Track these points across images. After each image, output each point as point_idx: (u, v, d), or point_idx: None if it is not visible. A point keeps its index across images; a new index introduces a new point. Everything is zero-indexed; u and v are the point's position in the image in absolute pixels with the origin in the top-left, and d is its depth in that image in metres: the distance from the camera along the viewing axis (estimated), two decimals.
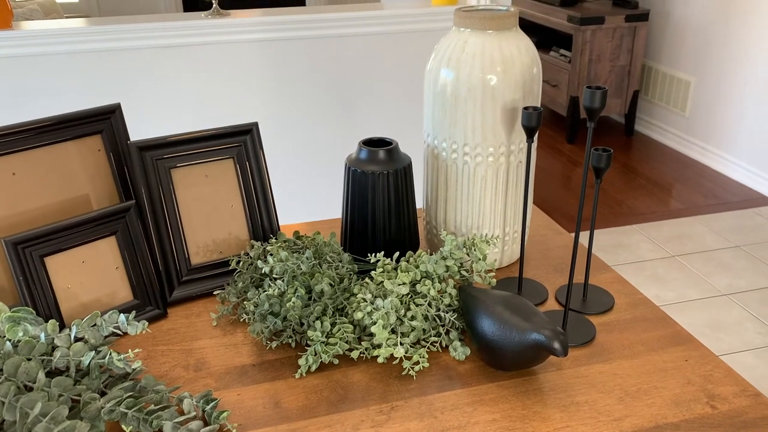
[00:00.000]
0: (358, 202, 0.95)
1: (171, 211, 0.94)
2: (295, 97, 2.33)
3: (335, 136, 2.41)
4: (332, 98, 2.36)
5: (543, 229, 1.14)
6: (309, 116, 2.37)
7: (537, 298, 0.94)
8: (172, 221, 0.94)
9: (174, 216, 0.94)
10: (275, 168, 2.37)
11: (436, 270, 0.85)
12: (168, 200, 0.94)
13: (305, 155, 2.41)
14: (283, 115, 2.34)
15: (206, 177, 0.96)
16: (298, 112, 2.35)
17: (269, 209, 0.99)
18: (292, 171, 2.42)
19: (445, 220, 1.00)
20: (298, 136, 2.39)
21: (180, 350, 0.85)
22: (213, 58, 2.22)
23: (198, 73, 2.22)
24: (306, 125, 2.37)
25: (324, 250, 0.89)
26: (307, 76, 2.31)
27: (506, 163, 0.95)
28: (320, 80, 2.32)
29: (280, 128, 2.36)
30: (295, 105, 2.34)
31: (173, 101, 2.23)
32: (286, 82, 2.30)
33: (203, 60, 2.22)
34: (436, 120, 0.95)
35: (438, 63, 0.93)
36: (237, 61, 2.24)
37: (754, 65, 3.27)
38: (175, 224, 0.94)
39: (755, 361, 2.20)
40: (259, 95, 2.30)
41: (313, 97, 2.34)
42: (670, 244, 2.90)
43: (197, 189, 0.95)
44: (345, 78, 2.34)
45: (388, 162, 0.94)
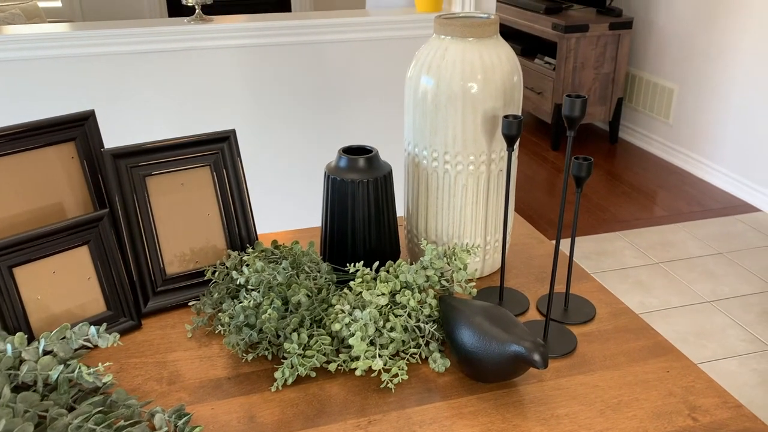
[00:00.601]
0: (337, 210, 0.93)
1: (146, 220, 0.92)
2: (277, 104, 2.31)
3: (317, 143, 2.40)
4: (315, 105, 2.35)
5: (525, 238, 1.13)
6: (291, 123, 2.35)
7: (518, 308, 0.93)
8: (146, 230, 0.92)
9: (149, 225, 0.92)
10: (256, 175, 2.35)
11: (416, 280, 0.84)
12: (143, 209, 0.92)
13: (287, 162, 2.39)
14: (265, 121, 2.33)
15: (182, 185, 0.94)
16: (279, 118, 2.33)
17: (247, 218, 0.98)
18: (273, 178, 2.41)
19: (426, 229, 0.99)
20: (280, 142, 2.37)
21: (153, 363, 0.83)
22: (195, 64, 2.20)
23: (180, 79, 2.20)
24: (288, 132, 2.36)
25: (302, 260, 0.87)
26: (289, 83, 2.29)
27: (487, 171, 0.94)
28: (303, 87, 2.31)
29: (261, 134, 2.34)
30: (277, 111, 2.32)
31: (155, 107, 2.21)
32: (268, 89, 2.29)
33: (185, 66, 2.20)
34: (416, 128, 0.94)
35: (418, 70, 0.92)
36: (219, 67, 2.22)
37: (735, 73, 3.30)
38: (150, 233, 0.92)
39: (738, 368, 2.20)
40: (241, 102, 2.28)
41: (296, 103, 2.33)
42: (653, 251, 2.91)
43: (173, 197, 0.94)
44: (328, 85, 2.33)
45: (368, 170, 0.93)
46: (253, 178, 2.36)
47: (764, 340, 2.34)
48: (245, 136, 2.31)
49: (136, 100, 2.18)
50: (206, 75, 2.22)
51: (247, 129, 2.32)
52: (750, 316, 2.46)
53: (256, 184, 2.37)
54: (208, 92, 2.24)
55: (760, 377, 2.16)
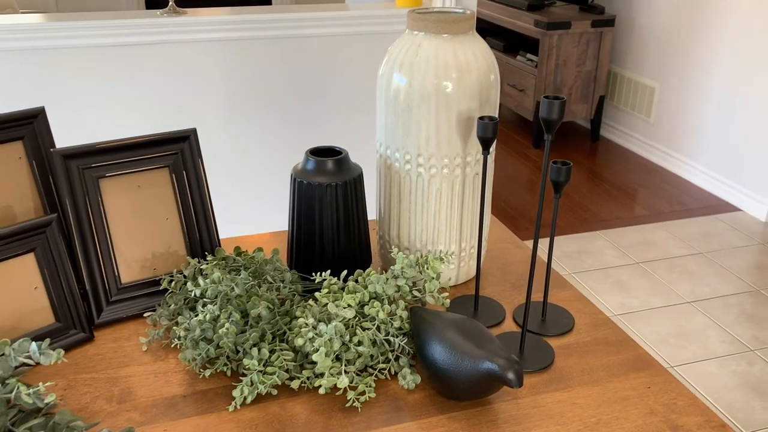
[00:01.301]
0: (304, 215, 0.88)
1: (99, 224, 0.86)
2: (252, 100, 2.25)
3: (293, 141, 2.33)
4: (291, 102, 2.29)
5: (502, 243, 1.09)
6: (266, 120, 2.29)
7: (494, 318, 0.89)
8: (100, 236, 0.86)
9: (102, 230, 0.86)
10: (229, 173, 2.28)
11: (386, 290, 0.79)
12: (96, 213, 0.86)
13: (261, 160, 2.33)
14: (240, 117, 2.26)
15: (139, 188, 0.89)
16: (255, 115, 2.27)
17: (209, 222, 0.92)
18: (247, 176, 2.34)
19: (398, 234, 0.94)
20: (255, 139, 2.30)
21: (105, 379, 0.78)
22: (167, 58, 2.13)
23: (151, 74, 2.13)
24: (263, 129, 2.29)
25: (265, 268, 0.82)
26: (264, 78, 2.23)
27: (462, 175, 0.89)
28: (279, 83, 2.25)
29: (236, 131, 2.27)
30: (252, 108, 2.26)
31: (126, 103, 2.14)
32: (242, 84, 2.22)
33: (157, 60, 2.13)
34: (388, 128, 0.90)
35: (390, 67, 0.87)
36: (192, 61, 2.16)
37: (715, 73, 3.29)
38: (103, 239, 0.86)
39: (718, 370, 2.19)
40: (215, 97, 2.22)
41: (271, 100, 2.27)
42: (633, 250, 2.89)
43: (129, 201, 0.88)
44: (304, 81, 2.27)
45: (336, 173, 0.88)
46: (226, 176, 2.29)
47: (744, 341, 2.32)
48: (218, 132, 2.25)
49: (105, 95, 2.11)
50: (178, 70, 2.15)
51: (221, 125, 2.25)
52: (730, 317, 2.45)
53: (229, 183, 2.30)
54: (179, 87, 2.17)
55: (739, 379, 2.14)
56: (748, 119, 3.17)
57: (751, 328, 2.39)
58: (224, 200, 2.30)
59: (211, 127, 2.24)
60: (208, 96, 2.21)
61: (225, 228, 2.30)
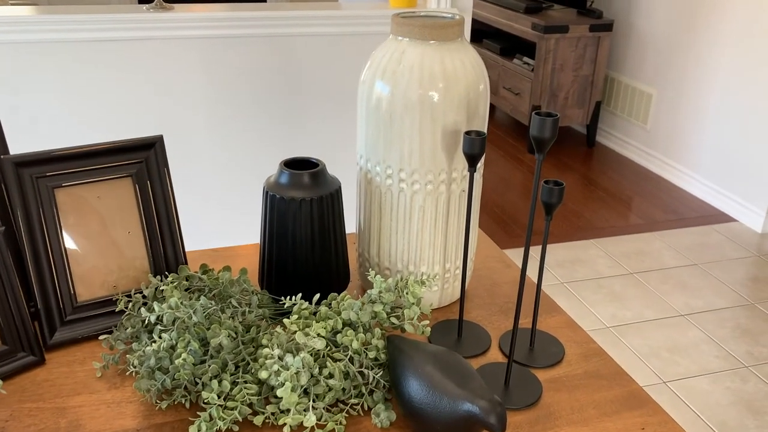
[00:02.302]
0: (277, 232, 0.82)
1: (54, 238, 0.80)
2: (234, 101, 2.17)
3: (276, 144, 2.26)
4: (277, 104, 2.21)
5: (491, 261, 1.03)
6: (248, 122, 2.21)
7: (478, 346, 0.83)
8: (54, 251, 0.80)
9: (57, 244, 0.80)
10: (208, 179, 2.20)
11: (361, 318, 0.73)
12: (50, 226, 0.79)
13: (243, 165, 2.25)
14: (225, 120, 2.19)
15: (98, 199, 0.82)
16: (235, 117, 2.19)
17: (174, 237, 0.86)
18: (227, 183, 2.26)
19: (378, 253, 0.88)
20: (235, 143, 2.22)
21: (52, 409, 0.71)
22: (149, 56, 2.06)
23: (131, 72, 2.06)
24: (244, 132, 2.21)
25: (230, 290, 0.76)
26: (249, 79, 2.16)
27: (447, 192, 0.83)
28: (264, 84, 2.18)
29: (219, 134, 2.20)
30: (238, 110, 2.19)
31: (107, 100, 2.07)
32: (225, 85, 2.15)
33: (138, 57, 2.05)
34: (369, 140, 0.83)
35: (372, 74, 0.81)
36: (175, 60, 2.09)
37: (714, 80, 3.24)
38: (58, 254, 0.80)
39: (711, 386, 2.14)
40: (197, 98, 2.14)
41: (254, 101, 2.19)
42: (627, 260, 2.84)
43: (87, 213, 0.81)
44: (292, 82, 2.20)
45: (312, 187, 0.81)
46: (205, 182, 2.21)
47: (738, 356, 2.27)
48: (201, 134, 2.17)
49: (85, 91, 2.04)
50: (162, 68, 2.08)
51: (204, 126, 2.18)
52: (724, 331, 2.40)
53: (207, 190, 2.22)
54: (163, 86, 2.10)
55: (733, 396, 2.09)
56: (745, 128, 3.12)
57: (745, 343, 2.34)
58: (205, 207, 2.23)
59: (193, 128, 2.17)
60: (193, 96, 2.14)
61: (203, 239, 2.23)
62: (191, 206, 2.18)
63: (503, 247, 2.89)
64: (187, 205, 2.21)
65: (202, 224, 2.22)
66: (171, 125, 2.14)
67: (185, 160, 2.17)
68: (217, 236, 2.21)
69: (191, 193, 2.21)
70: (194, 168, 2.20)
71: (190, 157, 2.19)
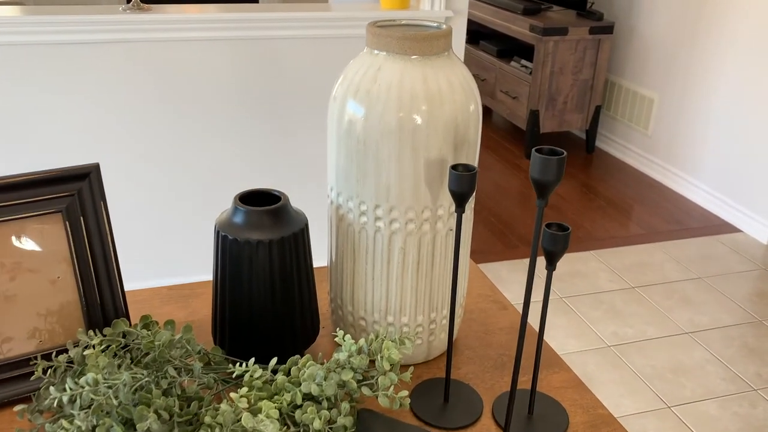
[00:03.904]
0: (230, 279, 0.70)
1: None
2: (210, 109, 2.03)
3: (254, 159, 2.12)
4: (256, 110, 2.07)
5: (484, 302, 0.90)
6: (223, 133, 2.07)
7: (468, 414, 0.70)
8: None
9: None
10: (152, 208, 2.04)
11: (325, 391, 0.61)
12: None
13: (200, 188, 2.10)
14: (197, 132, 2.05)
15: (21, 239, 0.70)
16: (214, 130, 2.05)
17: (112, 282, 0.73)
18: (181, 206, 2.10)
19: (352, 300, 0.76)
20: (193, 165, 2.07)
21: None
22: (124, 59, 1.93)
23: (103, 77, 1.93)
24: (218, 143, 2.07)
25: (171, 353, 0.63)
26: (227, 85, 2.02)
27: (432, 231, 0.71)
28: (244, 89, 2.05)
29: (186, 148, 2.06)
30: (208, 118, 2.04)
31: (73, 109, 1.94)
32: (202, 91, 2.02)
33: (112, 61, 1.93)
34: (340, 170, 0.71)
35: (345, 91, 0.69)
36: (151, 63, 1.96)
37: (718, 85, 3.12)
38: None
39: (718, 411, 2.02)
40: (172, 104, 2.01)
41: (233, 107, 2.05)
42: (629, 273, 2.72)
43: (6, 255, 0.69)
44: (274, 88, 2.07)
45: (272, 226, 0.69)
46: (150, 210, 2.04)
47: (746, 379, 2.16)
48: (171, 143, 2.03)
49: (53, 99, 1.91)
50: (137, 72, 1.95)
51: (175, 135, 2.04)
52: (731, 351, 2.28)
53: (166, 213, 2.06)
54: (136, 92, 1.97)
55: (742, 422, 1.97)
56: (751, 135, 3.00)
57: (753, 363, 2.23)
58: (161, 234, 2.08)
59: (165, 137, 2.03)
60: (168, 102, 2.01)
61: (161, 272, 2.06)
62: (144, 233, 2.05)
63: (500, 258, 2.77)
64: (139, 233, 2.07)
65: (157, 254, 2.08)
66: (114, 143, 1.99)
67: (140, 180, 2.03)
68: (177, 268, 2.07)
69: (147, 218, 2.06)
70: (159, 183, 2.06)
71: (154, 172, 2.04)
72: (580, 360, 2.21)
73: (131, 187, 2.02)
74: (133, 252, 2.03)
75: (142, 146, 2.00)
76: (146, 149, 2.01)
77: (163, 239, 2.08)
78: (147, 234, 2.07)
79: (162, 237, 2.09)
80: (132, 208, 2.03)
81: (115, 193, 1.99)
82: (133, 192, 2.03)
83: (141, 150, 2.01)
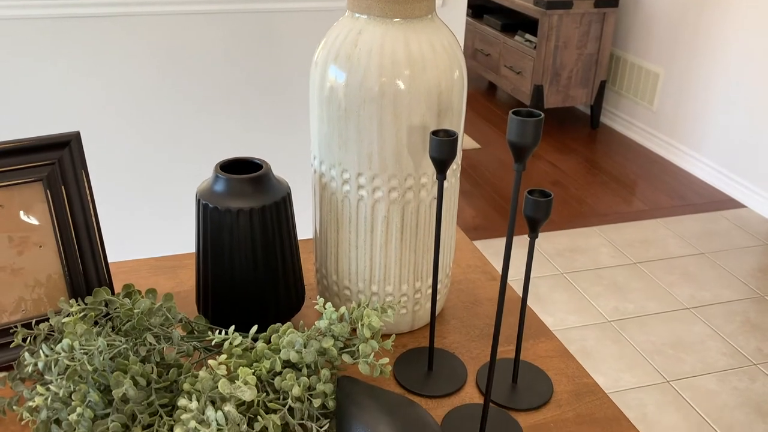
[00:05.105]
0: (212, 248, 0.69)
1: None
2: (180, 86, 1.97)
3: (233, 135, 2.08)
4: (231, 89, 2.01)
5: (473, 273, 0.90)
6: (199, 110, 2.02)
7: (452, 383, 0.70)
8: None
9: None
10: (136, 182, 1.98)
11: (304, 358, 0.60)
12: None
13: (182, 164, 2.06)
14: (179, 108, 2.00)
15: (1, 208, 0.69)
16: (183, 104, 1.99)
17: (95, 251, 0.73)
18: (163, 187, 2.05)
19: (336, 270, 0.75)
20: (173, 138, 2.02)
21: None
22: (83, 36, 1.87)
23: (61, 55, 1.85)
24: (195, 121, 2.02)
25: (150, 321, 0.63)
26: (200, 62, 1.96)
27: (416, 200, 0.70)
28: (218, 66, 2.00)
29: (171, 125, 2.01)
30: (179, 96, 1.98)
31: (27, 88, 1.90)
32: (170, 69, 1.94)
33: (71, 37, 1.86)
34: (322, 138, 0.70)
35: (325, 56, 0.67)
36: (112, 40, 1.89)
37: (725, 60, 3.07)
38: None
39: (717, 386, 2.02)
40: (137, 82, 1.93)
41: (205, 84, 1.99)
42: (631, 249, 2.70)
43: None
44: (252, 64, 2.01)
45: (254, 194, 0.68)
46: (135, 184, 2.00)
47: (746, 353, 2.15)
48: (142, 124, 1.98)
49: (38, 70, 1.88)
50: (98, 49, 1.88)
51: (146, 116, 1.97)
52: (732, 326, 2.28)
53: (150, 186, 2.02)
54: (96, 71, 1.89)
55: (741, 397, 1.98)
56: (756, 110, 2.96)
57: (754, 338, 2.22)
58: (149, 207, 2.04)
59: (135, 118, 1.98)
60: (132, 79, 1.95)
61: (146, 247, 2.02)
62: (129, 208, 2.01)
63: (502, 235, 2.76)
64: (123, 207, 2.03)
65: (143, 228, 2.05)
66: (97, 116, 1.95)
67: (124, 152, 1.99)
68: (164, 242, 2.04)
69: (133, 191, 2.03)
70: (135, 164, 2.02)
71: (130, 151, 2.00)
72: (579, 335, 2.21)
73: (114, 158, 2.00)
74: (119, 226, 2.02)
75: (126, 118, 1.97)
76: (130, 121, 1.98)
77: (148, 213, 2.07)
78: (131, 209, 2.06)
79: (147, 210, 2.07)
80: (116, 181, 2.01)
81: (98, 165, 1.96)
82: (117, 164, 2.01)
83: (124, 122, 1.98)
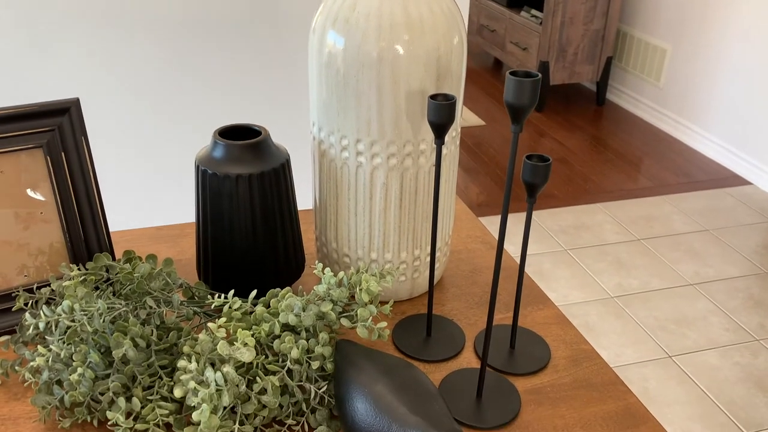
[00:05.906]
0: (212, 214, 0.70)
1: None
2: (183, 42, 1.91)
3: (221, 107, 2.04)
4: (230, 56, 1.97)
5: (473, 242, 0.90)
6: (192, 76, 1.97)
7: (450, 348, 0.71)
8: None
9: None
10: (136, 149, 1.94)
11: (303, 321, 0.61)
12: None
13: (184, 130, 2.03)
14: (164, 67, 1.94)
15: (1, 174, 0.70)
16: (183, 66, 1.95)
17: (96, 217, 0.73)
18: (163, 153, 2.02)
19: (336, 237, 0.75)
20: (173, 103, 1.98)
21: None
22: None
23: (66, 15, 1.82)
24: (200, 84, 1.98)
25: (150, 285, 0.63)
26: (197, 12, 1.89)
27: (414, 166, 0.70)
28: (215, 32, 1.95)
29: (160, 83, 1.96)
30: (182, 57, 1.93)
31: None
32: (164, 20, 1.87)
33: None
34: (321, 104, 0.70)
35: (324, 21, 0.67)
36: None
37: (732, 36, 3.04)
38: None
39: (719, 361, 2.03)
40: (130, 35, 1.88)
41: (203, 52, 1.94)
42: (635, 225, 2.70)
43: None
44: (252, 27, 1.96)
45: (253, 161, 0.68)
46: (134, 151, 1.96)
47: (749, 329, 2.16)
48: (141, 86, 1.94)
49: (27, 35, 1.86)
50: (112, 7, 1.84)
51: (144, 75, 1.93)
52: (735, 302, 2.28)
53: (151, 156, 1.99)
54: (114, 28, 1.86)
55: (742, 372, 1.98)
56: (763, 87, 2.93)
57: (757, 315, 2.22)
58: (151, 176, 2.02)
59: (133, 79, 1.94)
60: (131, 47, 1.91)
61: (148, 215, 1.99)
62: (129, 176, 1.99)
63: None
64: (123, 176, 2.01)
65: (145, 196, 2.03)
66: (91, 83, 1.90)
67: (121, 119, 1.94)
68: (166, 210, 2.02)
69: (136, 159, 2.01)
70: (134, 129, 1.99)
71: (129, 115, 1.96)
72: (582, 311, 2.22)
73: (111, 126, 1.97)
74: (119, 194, 2.00)
75: (121, 84, 1.94)
76: (126, 88, 1.95)
77: (148, 181, 2.05)
78: (132, 177, 2.04)
79: (147, 179, 2.06)
80: (116, 150, 1.99)
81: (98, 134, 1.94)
82: (116, 133, 1.98)
83: (120, 88, 1.95)
